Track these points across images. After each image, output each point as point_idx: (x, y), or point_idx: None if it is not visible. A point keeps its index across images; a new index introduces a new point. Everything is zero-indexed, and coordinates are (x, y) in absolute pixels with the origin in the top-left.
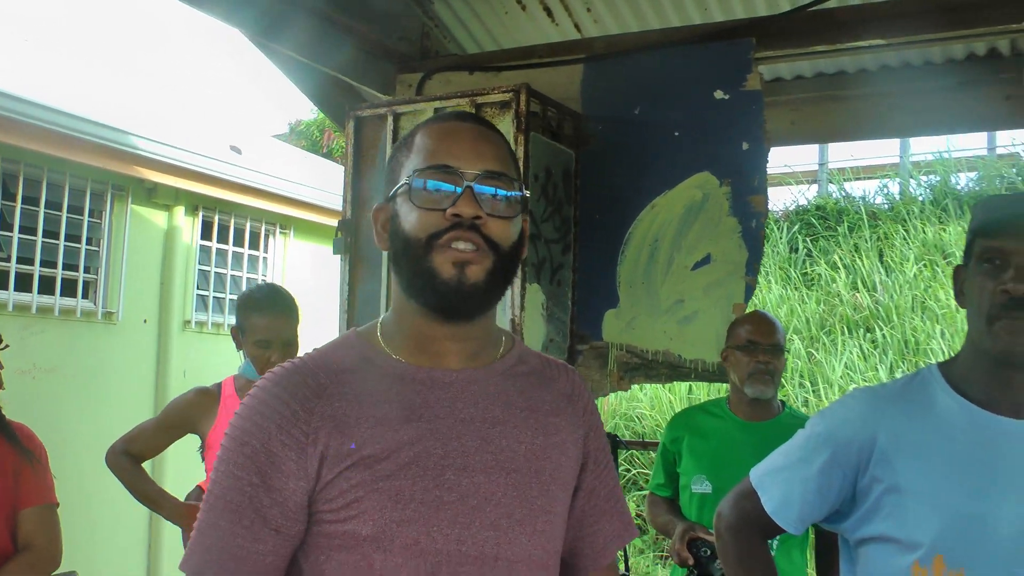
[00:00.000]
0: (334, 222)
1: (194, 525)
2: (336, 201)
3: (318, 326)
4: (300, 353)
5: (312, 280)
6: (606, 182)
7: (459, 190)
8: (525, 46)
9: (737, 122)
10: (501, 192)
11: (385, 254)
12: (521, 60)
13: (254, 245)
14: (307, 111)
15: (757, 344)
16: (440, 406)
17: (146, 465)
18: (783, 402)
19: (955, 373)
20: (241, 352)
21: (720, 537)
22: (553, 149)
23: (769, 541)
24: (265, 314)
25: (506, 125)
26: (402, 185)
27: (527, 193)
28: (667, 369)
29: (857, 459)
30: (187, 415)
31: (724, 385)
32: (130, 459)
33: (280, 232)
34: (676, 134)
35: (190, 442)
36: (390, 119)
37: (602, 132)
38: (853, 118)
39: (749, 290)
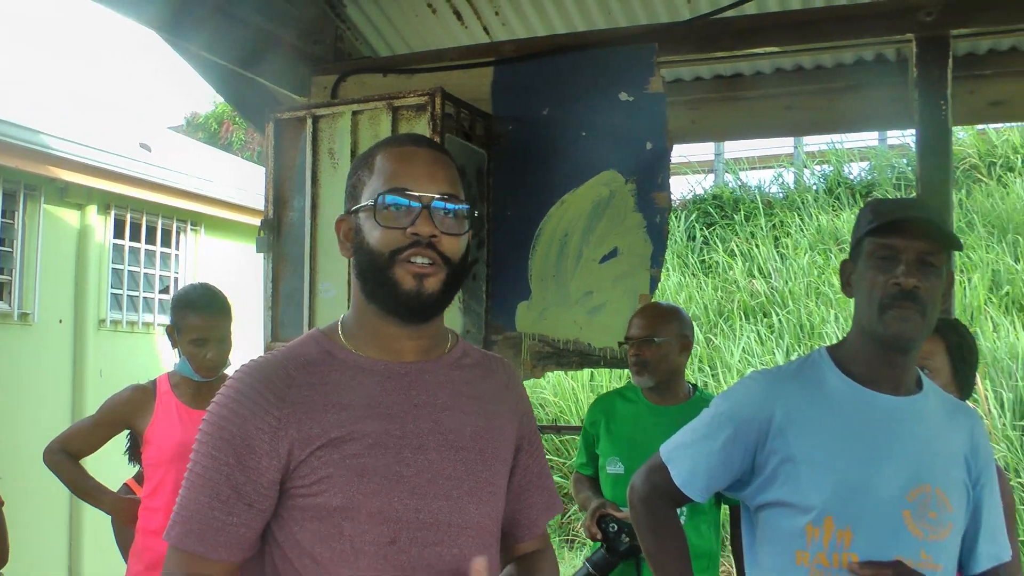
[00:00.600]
0: (245, 219)
1: (178, 499)
2: (247, 197)
3: (234, 322)
4: (232, 351)
5: (225, 277)
6: (517, 180)
7: (417, 207)
8: (437, 49)
9: (641, 123)
10: (451, 207)
11: (307, 252)
12: (433, 63)
13: (166, 243)
14: (205, 103)
15: (631, 338)
16: (397, 394)
17: None
18: (695, 386)
19: (842, 356)
20: (176, 350)
21: (633, 507)
22: (466, 150)
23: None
24: (201, 313)
25: (422, 127)
26: (367, 204)
27: (476, 213)
28: (577, 357)
29: (756, 434)
30: (124, 412)
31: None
32: (68, 457)
33: (191, 229)
34: (583, 134)
35: (114, 442)
36: (309, 121)
37: (512, 132)
38: (749, 117)
39: (654, 282)
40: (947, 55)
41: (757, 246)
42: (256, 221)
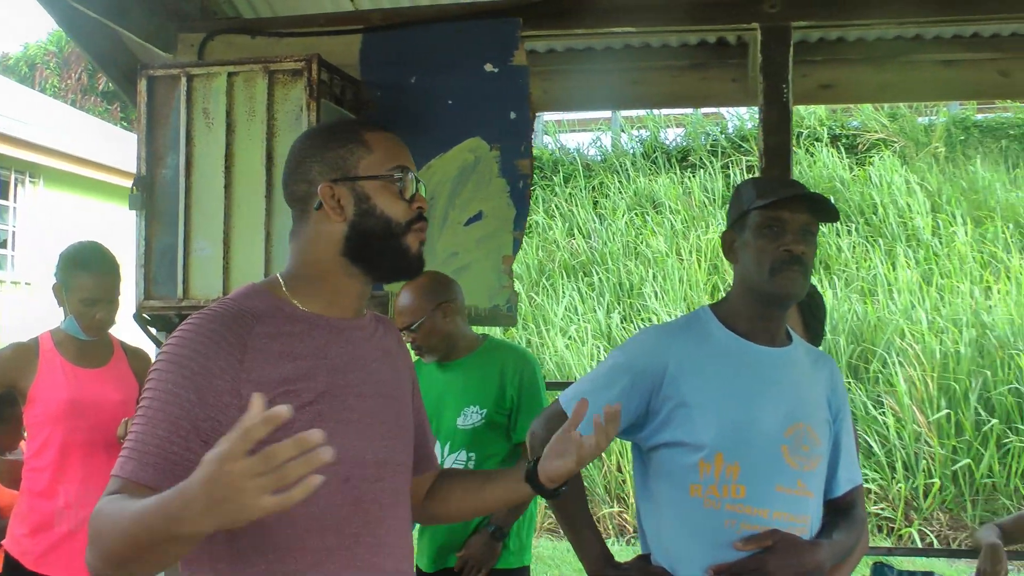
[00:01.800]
0: (90, 172)
1: (129, 436)
2: (92, 151)
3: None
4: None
5: (69, 232)
6: None
7: (420, 185)
8: (306, 14)
9: (505, 93)
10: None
11: (181, 210)
12: (303, 27)
13: (3, 195)
14: (14, 43)
15: (400, 328)
16: (340, 346)
17: None
18: (486, 336)
19: (724, 313)
20: (63, 308)
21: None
22: (339, 115)
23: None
24: (91, 272)
25: (298, 92)
26: (383, 176)
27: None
28: None
29: (652, 382)
30: (5, 370)
31: (497, 329)
32: None
33: (30, 181)
34: (449, 102)
35: None
36: (184, 79)
37: (380, 99)
38: (599, 90)
39: (516, 243)
40: (788, 44)
41: (577, 207)
42: (103, 176)
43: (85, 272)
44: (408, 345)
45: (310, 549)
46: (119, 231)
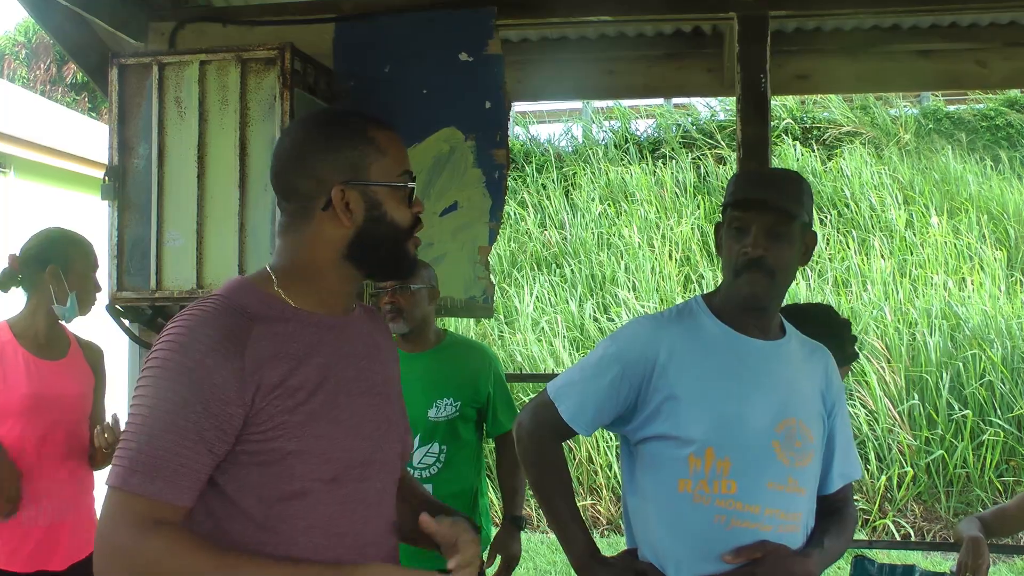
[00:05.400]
0: (62, 163)
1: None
2: (63, 141)
3: None
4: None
5: (43, 221)
6: None
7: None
8: (279, 2)
9: (480, 83)
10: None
11: (154, 200)
12: (275, 16)
13: None
14: None
15: (382, 288)
16: (331, 344)
17: None
18: (446, 331)
19: (715, 304)
20: (52, 293)
21: (520, 441)
22: (313, 105)
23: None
24: (86, 247)
25: (271, 81)
26: (398, 185)
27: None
28: None
29: (642, 373)
30: None
31: (469, 321)
32: None
33: (0, 171)
34: (424, 92)
35: None
36: (155, 68)
37: (354, 88)
38: (573, 80)
39: (492, 234)
40: (766, 33)
41: (548, 198)
42: (73, 167)
43: (80, 247)
44: (385, 306)
45: (299, 548)
46: (92, 222)
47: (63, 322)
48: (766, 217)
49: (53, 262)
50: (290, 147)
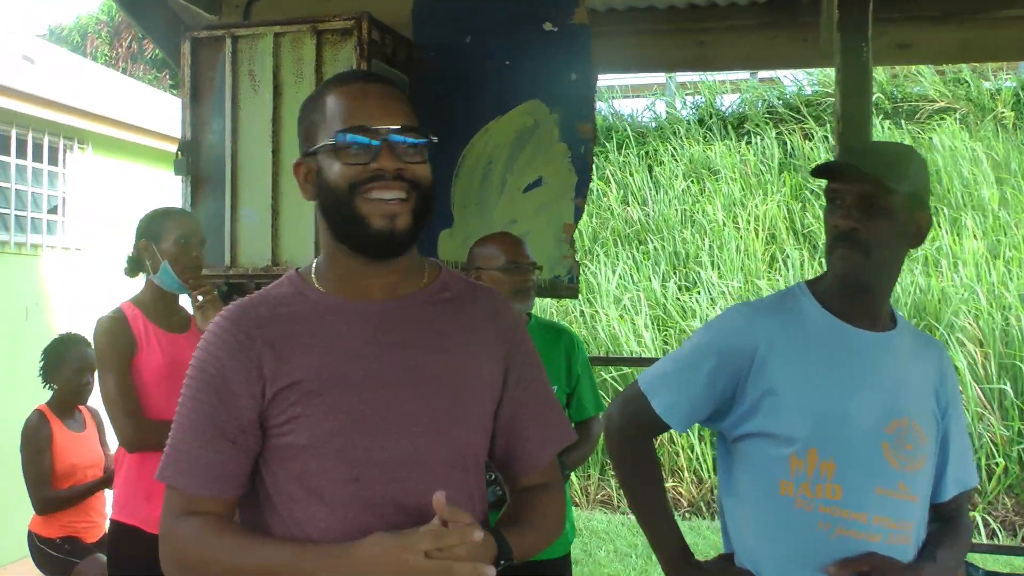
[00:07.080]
0: (138, 138)
1: (168, 439)
2: (140, 116)
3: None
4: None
5: (118, 198)
6: (439, 107)
7: (377, 144)
8: None
9: (565, 53)
10: (410, 141)
11: (228, 176)
12: None
13: (53, 160)
14: (67, 15)
15: (517, 263)
16: (363, 333)
17: None
18: (531, 314)
19: (820, 290)
20: (148, 268)
21: (610, 437)
22: (392, 76)
23: None
24: (179, 216)
25: (347, 52)
26: (326, 144)
27: (434, 139)
28: None
29: (739, 365)
30: (124, 345)
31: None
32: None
33: (79, 147)
34: (507, 63)
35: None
36: (228, 42)
37: (434, 59)
38: (659, 51)
39: (578, 211)
40: None
41: (631, 174)
42: (150, 142)
43: (171, 219)
44: (521, 284)
45: None
46: (169, 198)
47: (172, 293)
48: (860, 186)
49: (145, 237)
50: None
